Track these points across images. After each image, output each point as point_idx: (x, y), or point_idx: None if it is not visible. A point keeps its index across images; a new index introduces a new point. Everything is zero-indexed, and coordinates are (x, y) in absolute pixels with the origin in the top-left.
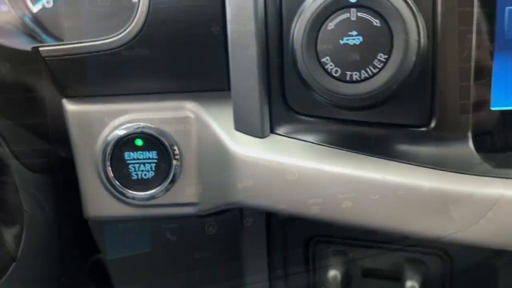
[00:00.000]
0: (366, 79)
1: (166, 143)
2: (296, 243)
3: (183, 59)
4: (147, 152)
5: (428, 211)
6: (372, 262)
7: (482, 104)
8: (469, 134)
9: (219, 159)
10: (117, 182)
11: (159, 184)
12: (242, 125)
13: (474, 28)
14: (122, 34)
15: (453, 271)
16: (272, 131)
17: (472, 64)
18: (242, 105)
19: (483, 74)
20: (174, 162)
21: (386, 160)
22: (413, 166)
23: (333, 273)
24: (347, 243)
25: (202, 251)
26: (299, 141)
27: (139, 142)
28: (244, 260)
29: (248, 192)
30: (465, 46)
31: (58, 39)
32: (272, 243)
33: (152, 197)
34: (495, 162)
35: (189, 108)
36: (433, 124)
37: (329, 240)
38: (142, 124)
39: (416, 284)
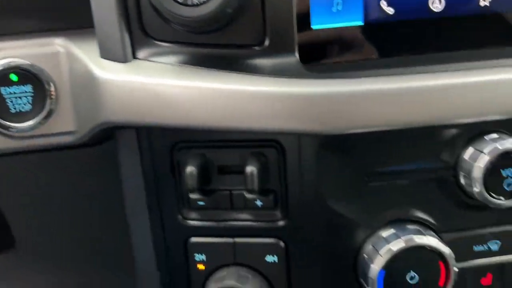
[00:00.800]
0: (204, 2)
1: (40, 76)
2: (163, 151)
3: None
4: (22, 86)
5: (265, 109)
6: (224, 160)
7: (304, 24)
8: (295, 48)
9: (89, 86)
10: None
11: (37, 115)
12: (106, 53)
13: None
14: None
15: (285, 158)
16: (134, 56)
17: None
18: (105, 36)
19: None
20: (49, 93)
21: (232, 73)
22: (253, 76)
23: (190, 169)
24: (204, 146)
25: (85, 181)
26: (158, 63)
27: (14, 77)
28: (123, 176)
29: (117, 111)
30: None
31: None
32: (143, 156)
33: (32, 128)
34: (314, 68)
35: (59, 43)
36: (267, 43)
37: (189, 145)
38: (15, 60)
39: (254, 170)
